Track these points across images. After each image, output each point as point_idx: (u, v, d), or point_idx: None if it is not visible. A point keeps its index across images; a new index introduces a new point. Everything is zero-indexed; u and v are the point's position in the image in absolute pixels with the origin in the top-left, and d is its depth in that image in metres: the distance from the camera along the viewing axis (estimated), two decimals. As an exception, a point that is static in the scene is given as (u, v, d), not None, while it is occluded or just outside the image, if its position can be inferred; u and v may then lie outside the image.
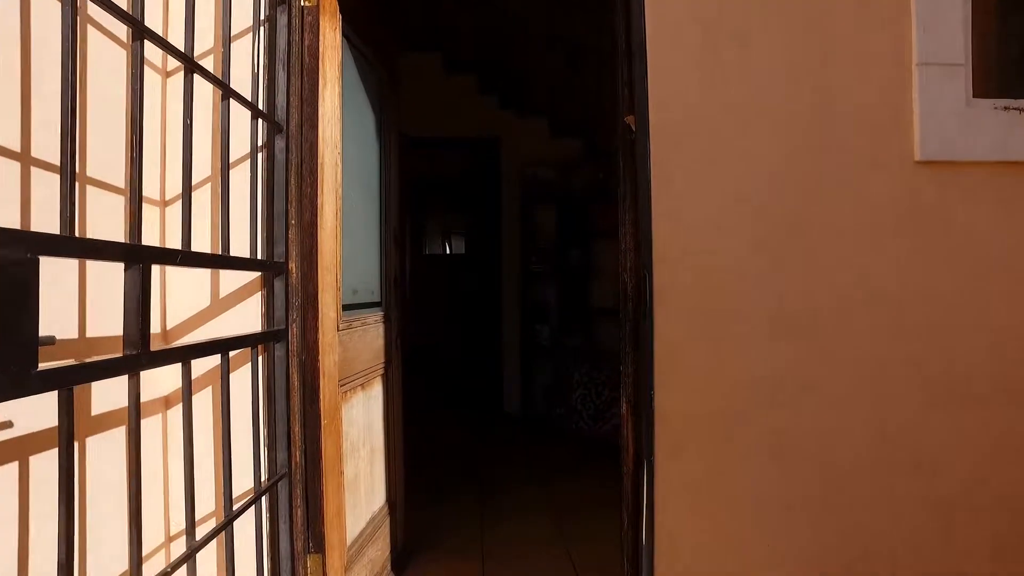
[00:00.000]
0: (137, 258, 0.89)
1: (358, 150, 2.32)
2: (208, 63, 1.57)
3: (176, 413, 1.53)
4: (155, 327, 1.52)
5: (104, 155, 1.27)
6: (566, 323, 5.40)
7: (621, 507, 1.84)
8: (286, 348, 1.56)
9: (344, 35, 2.10)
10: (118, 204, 1.37)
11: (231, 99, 1.31)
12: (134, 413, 0.89)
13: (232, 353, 1.31)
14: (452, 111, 5.34)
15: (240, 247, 1.52)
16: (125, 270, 0.90)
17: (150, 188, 1.51)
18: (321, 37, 1.85)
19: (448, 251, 8.03)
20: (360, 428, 2.22)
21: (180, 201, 1.60)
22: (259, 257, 1.49)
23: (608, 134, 5.54)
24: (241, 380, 1.54)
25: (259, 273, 1.56)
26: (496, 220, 5.53)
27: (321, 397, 1.81)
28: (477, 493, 3.52)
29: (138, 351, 0.89)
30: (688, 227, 1.65)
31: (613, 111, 1.81)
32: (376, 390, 2.39)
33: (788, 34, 1.66)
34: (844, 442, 1.63)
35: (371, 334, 2.31)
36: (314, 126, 1.80)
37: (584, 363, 3.82)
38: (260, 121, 1.50)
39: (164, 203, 1.55)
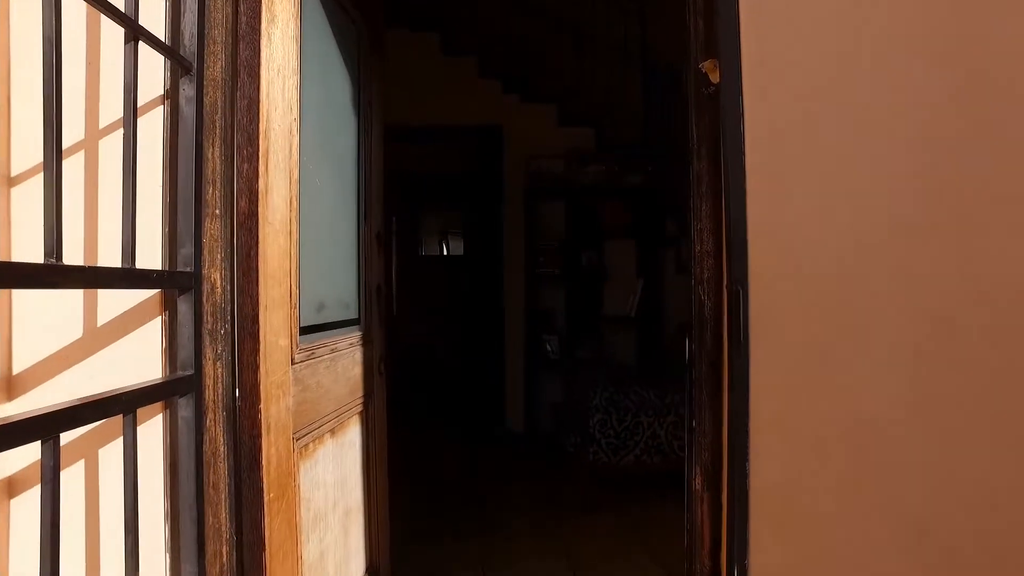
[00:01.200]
0: None
1: (327, 124, 1.79)
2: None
3: (25, 503, 0.99)
4: (-8, 372, 0.98)
5: None
6: (576, 333, 4.86)
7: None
8: (196, 403, 1.02)
9: (306, -36, 1.57)
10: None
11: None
12: None
13: (70, 436, 0.78)
14: (450, 96, 4.79)
15: (143, 246, 0.98)
16: None
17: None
18: (266, -48, 1.31)
19: (446, 252, 7.49)
20: (329, 488, 1.68)
21: (36, 178, 1.07)
22: (148, 266, 0.95)
23: (623, 121, 5.03)
24: (143, 446, 1.00)
25: (157, 290, 1.02)
26: (498, 217, 4.99)
27: (264, 463, 1.27)
28: (478, 533, 2.97)
29: None
30: (797, 222, 1.12)
31: (627, 96, 1.25)
32: (352, 434, 1.85)
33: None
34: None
35: (344, 362, 1.77)
36: (254, 75, 1.26)
37: (604, 385, 3.29)
38: (144, 48, 0.96)
39: (9, 181, 1.01)
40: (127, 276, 0.86)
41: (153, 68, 1.03)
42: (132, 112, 0.89)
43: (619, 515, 3.20)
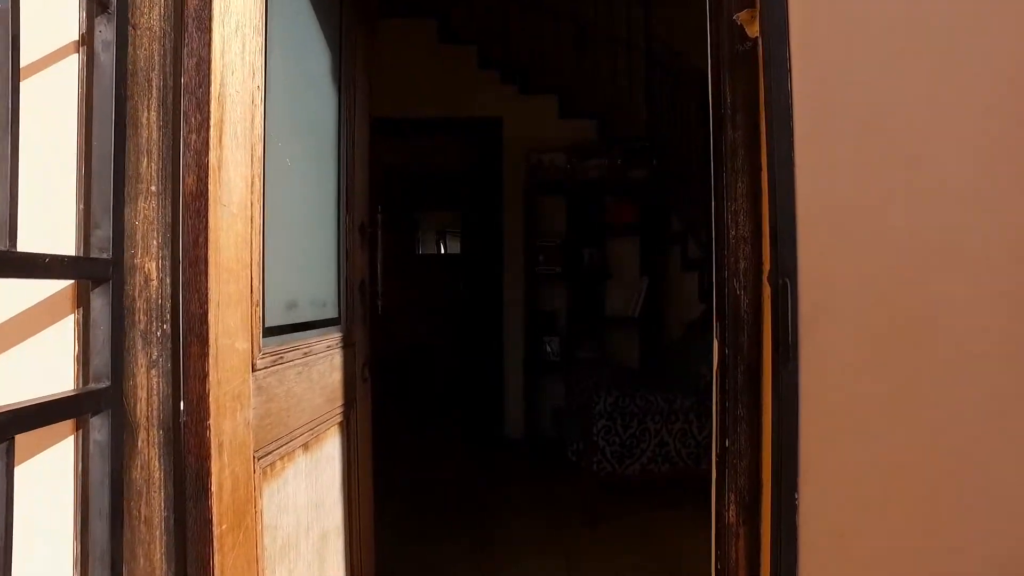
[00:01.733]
0: None
1: (302, 98, 1.59)
2: None
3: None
4: None
5: None
6: (577, 333, 4.66)
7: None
8: (112, 422, 0.82)
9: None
10: None
11: None
12: None
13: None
14: (447, 87, 4.59)
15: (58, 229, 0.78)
16: None
17: None
18: None
19: (443, 251, 7.29)
20: (301, 511, 1.48)
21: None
22: (54, 252, 0.75)
23: (627, 113, 4.82)
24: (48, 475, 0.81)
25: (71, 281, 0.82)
26: (497, 214, 4.78)
27: (214, 488, 1.07)
28: (476, 558, 2.77)
29: None
30: (858, 200, 0.92)
31: (630, 88, 1.05)
32: (329, 447, 1.65)
33: None
34: None
35: (320, 367, 1.57)
36: (205, 29, 1.06)
37: (608, 389, 3.09)
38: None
39: None
40: (3, 262, 0.66)
41: (65, 4, 0.84)
42: (11, 49, 0.68)
43: (623, 521, 3.01)
